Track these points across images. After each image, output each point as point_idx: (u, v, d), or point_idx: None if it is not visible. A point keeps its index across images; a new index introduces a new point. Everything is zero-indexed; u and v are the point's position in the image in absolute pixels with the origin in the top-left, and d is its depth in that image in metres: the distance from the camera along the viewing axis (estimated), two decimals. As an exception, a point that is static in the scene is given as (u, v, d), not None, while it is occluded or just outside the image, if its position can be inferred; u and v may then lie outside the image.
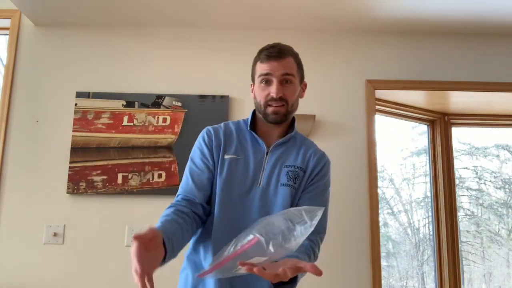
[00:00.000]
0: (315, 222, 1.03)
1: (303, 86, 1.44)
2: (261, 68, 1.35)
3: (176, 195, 1.36)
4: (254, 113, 1.43)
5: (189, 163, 1.39)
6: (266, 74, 1.33)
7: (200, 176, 1.34)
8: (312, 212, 1.03)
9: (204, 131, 1.41)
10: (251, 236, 1.01)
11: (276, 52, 1.33)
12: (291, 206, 1.32)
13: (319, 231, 1.34)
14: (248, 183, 1.32)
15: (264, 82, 1.34)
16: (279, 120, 1.35)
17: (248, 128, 1.40)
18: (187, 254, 1.38)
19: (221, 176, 1.33)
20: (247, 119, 1.43)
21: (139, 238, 0.97)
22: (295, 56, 1.40)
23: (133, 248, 0.97)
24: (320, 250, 1.34)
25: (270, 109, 1.33)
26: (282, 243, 0.99)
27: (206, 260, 1.30)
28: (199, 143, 1.40)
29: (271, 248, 0.98)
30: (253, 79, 1.41)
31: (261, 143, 1.38)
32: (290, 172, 1.34)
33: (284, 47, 1.37)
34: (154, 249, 1.04)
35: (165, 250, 1.08)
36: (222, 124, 1.44)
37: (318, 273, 0.97)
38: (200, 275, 1.06)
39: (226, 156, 1.35)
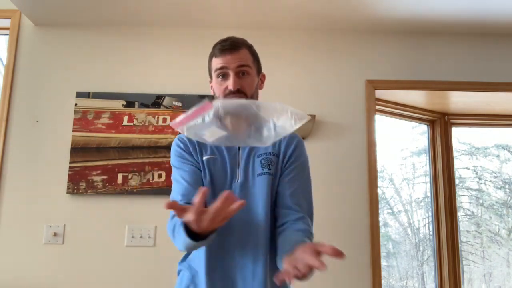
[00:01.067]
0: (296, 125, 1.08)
1: (262, 77, 1.44)
2: (216, 62, 1.34)
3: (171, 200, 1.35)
4: None
5: (174, 171, 1.36)
6: (222, 68, 1.33)
7: (191, 176, 1.33)
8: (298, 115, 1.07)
9: (175, 140, 1.40)
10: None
11: (229, 45, 1.33)
12: (271, 193, 1.31)
13: (309, 213, 1.33)
14: (228, 180, 1.32)
15: (221, 77, 1.34)
16: None
17: None
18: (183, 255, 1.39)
19: (204, 178, 1.33)
20: None
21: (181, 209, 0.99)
22: (249, 48, 1.39)
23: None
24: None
25: None
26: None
27: (196, 261, 1.30)
28: (176, 151, 1.38)
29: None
30: (210, 75, 1.41)
31: None
32: (263, 160, 1.33)
33: (237, 39, 1.37)
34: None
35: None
36: None
37: (340, 254, 0.91)
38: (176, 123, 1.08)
39: (204, 158, 1.35)
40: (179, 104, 2.59)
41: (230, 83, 1.31)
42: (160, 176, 2.50)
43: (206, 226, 1.00)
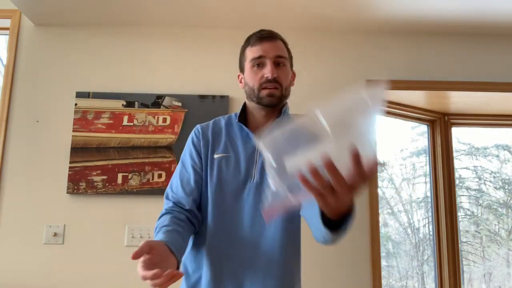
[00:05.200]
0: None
1: (293, 75, 1.40)
2: (253, 52, 1.31)
3: (166, 196, 1.33)
4: (244, 106, 1.38)
5: (179, 166, 1.36)
6: (259, 57, 1.29)
7: (189, 180, 1.31)
8: None
9: (193, 131, 1.38)
10: None
11: (267, 34, 1.31)
12: None
13: None
14: (241, 179, 1.27)
15: (256, 66, 1.30)
16: (275, 103, 1.30)
17: (237, 120, 1.35)
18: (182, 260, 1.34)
19: (211, 177, 1.29)
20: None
21: (137, 255, 0.96)
22: (285, 43, 1.37)
23: (139, 266, 0.97)
24: None
25: (264, 92, 1.28)
26: None
27: (198, 267, 1.27)
28: (188, 144, 1.37)
29: None
30: (242, 68, 1.37)
31: (251, 136, 1.32)
32: None
33: (274, 31, 1.34)
34: (164, 261, 1.02)
35: (176, 258, 1.07)
36: (211, 122, 1.40)
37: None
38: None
39: (215, 156, 1.31)
40: (179, 104, 2.59)
41: (267, 71, 1.27)
42: (160, 176, 2.50)
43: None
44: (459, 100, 2.89)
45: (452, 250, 2.85)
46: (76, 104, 2.57)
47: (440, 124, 3.06)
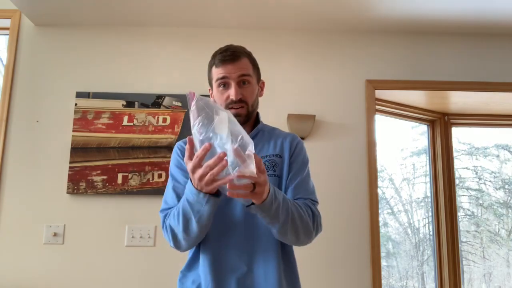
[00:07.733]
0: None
1: (261, 84, 1.45)
2: (217, 72, 1.35)
3: (162, 211, 1.35)
4: None
5: (170, 180, 1.38)
6: (223, 78, 1.34)
7: (183, 190, 1.31)
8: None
9: (175, 147, 1.42)
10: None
11: (230, 55, 1.34)
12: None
13: (309, 192, 1.35)
14: None
15: (222, 86, 1.35)
16: (242, 122, 1.34)
17: None
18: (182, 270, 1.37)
19: None
20: None
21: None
22: (249, 56, 1.40)
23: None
24: (319, 216, 1.33)
25: (231, 112, 1.32)
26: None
27: (200, 271, 1.29)
28: (175, 159, 1.39)
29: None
30: (210, 84, 1.43)
31: None
32: (267, 162, 1.34)
33: (237, 48, 1.38)
34: None
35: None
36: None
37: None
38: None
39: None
40: (179, 104, 2.59)
41: (232, 93, 1.32)
42: (160, 176, 2.50)
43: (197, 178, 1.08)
44: (459, 100, 2.89)
45: (452, 250, 2.85)
46: (76, 104, 2.57)
47: (440, 124, 3.06)
